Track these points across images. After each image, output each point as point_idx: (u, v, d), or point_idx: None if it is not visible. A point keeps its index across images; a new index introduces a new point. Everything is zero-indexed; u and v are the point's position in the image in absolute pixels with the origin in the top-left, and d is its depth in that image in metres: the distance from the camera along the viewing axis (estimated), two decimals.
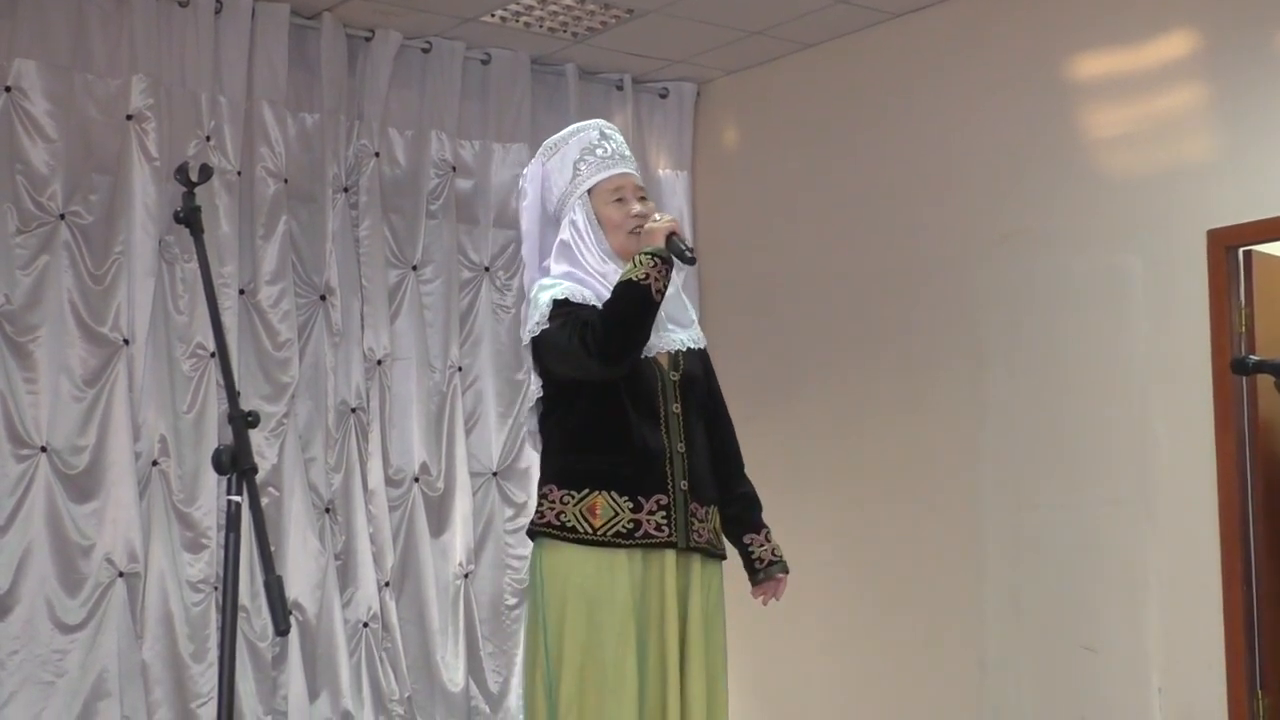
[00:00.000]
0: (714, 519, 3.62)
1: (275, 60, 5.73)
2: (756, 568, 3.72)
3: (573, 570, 3.45)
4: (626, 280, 3.44)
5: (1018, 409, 5.45)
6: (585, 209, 3.62)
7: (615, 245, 3.59)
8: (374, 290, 5.88)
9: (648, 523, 3.46)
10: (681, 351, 3.63)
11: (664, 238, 3.50)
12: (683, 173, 6.66)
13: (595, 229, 3.60)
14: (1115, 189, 5.25)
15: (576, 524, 3.45)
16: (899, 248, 5.88)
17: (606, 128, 3.76)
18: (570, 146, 3.69)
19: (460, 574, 5.93)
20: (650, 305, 3.44)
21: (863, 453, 5.94)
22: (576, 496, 3.47)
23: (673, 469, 3.50)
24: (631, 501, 3.45)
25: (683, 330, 3.67)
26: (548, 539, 3.49)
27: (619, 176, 3.67)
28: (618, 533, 3.44)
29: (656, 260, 3.46)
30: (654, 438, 3.50)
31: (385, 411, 5.86)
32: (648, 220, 3.59)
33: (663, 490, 3.48)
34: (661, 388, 3.55)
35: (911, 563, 5.71)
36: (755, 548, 3.72)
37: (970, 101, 5.68)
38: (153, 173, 5.42)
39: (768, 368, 6.30)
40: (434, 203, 6.08)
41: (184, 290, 5.49)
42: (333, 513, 5.71)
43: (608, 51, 6.27)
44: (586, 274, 3.57)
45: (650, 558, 3.47)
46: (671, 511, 3.48)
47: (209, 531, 5.39)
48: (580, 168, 3.65)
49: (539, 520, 3.52)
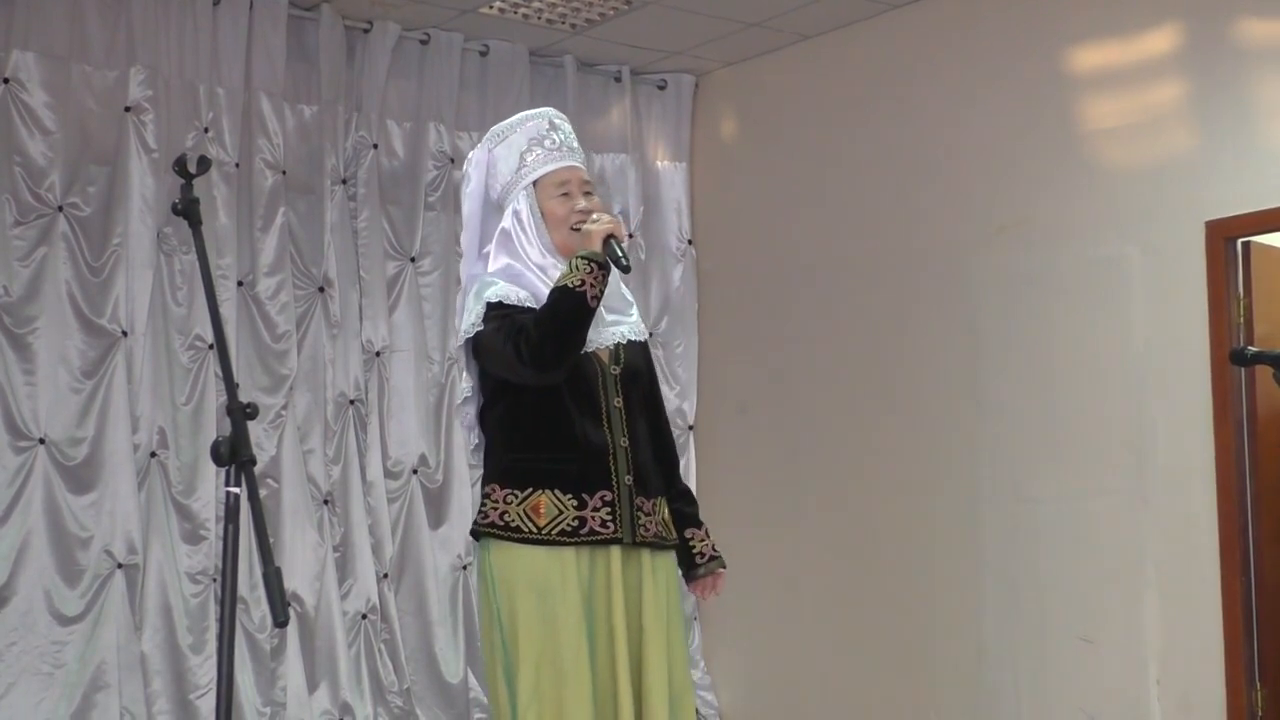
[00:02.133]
0: (661, 510, 3.56)
1: (273, 52, 5.73)
2: (697, 562, 3.66)
3: (521, 569, 3.38)
4: (561, 286, 3.37)
5: (1015, 400, 5.45)
6: (529, 200, 3.53)
7: (557, 240, 3.51)
8: (372, 282, 5.88)
9: (593, 519, 3.40)
10: (622, 344, 3.57)
11: (601, 241, 3.43)
12: (681, 164, 6.65)
13: (538, 221, 3.53)
14: (1113, 180, 5.24)
15: (521, 523, 3.39)
16: (896, 239, 5.87)
17: (556, 117, 3.66)
18: (518, 135, 3.58)
19: (459, 566, 5.93)
20: (585, 312, 3.37)
21: (860, 444, 5.93)
22: (520, 496, 3.40)
23: (616, 464, 3.45)
24: (576, 499, 3.40)
25: (623, 323, 3.60)
26: (493, 539, 3.42)
27: (566, 170, 3.56)
28: (563, 531, 3.38)
29: (593, 265, 3.37)
30: (596, 434, 3.44)
31: (384, 403, 5.86)
32: (588, 218, 3.51)
33: (607, 486, 3.42)
34: (602, 383, 3.49)
35: (909, 554, 5.71)
36: (696, 543, 3.66)
37: (967, 93, 5.67)
38: (151, 164, 5.42)
39: (765, 359, 6.30)
40: (432, 194, 6.08)
41: (182, 282, 5.48)
42: (331, 504, 5.71)
43: (606, 43, 6.26)
44: (525, 267, 3.49)
45: (596, 555, 3.41)
46: (616, 507, 3.42)
47: (207, 523, 5.39)
48: (527, 158, 3.55)
49: (482, 520, 3.44)
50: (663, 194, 6.60)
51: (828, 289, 6.12)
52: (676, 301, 6.57)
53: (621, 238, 3.47)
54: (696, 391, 6.57)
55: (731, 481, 6.38)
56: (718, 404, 6.53)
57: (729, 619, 6.25)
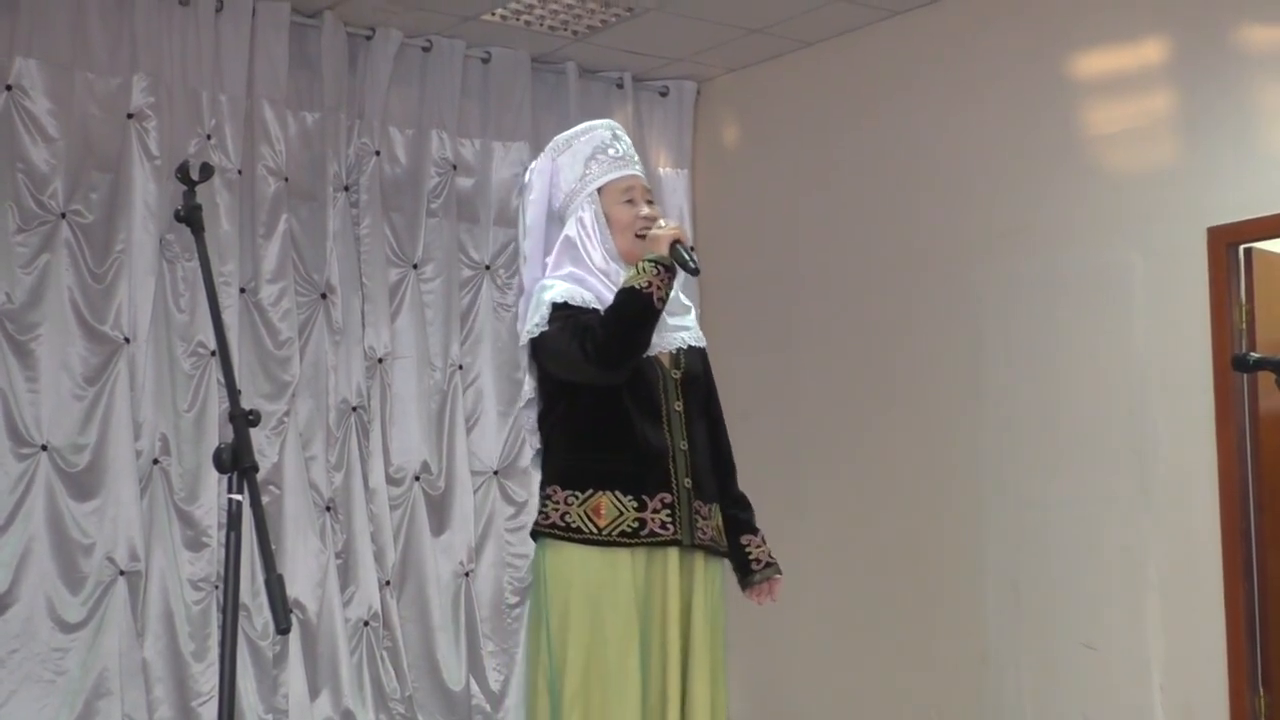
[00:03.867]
0: (716, 517, 3.62)
1: (276, 59, 5.75)
2: (753, 569, 3.71)
3: (576, 570, 3.44)
4: (629, 288, 3.44)
5: (1017, 406, 5.45)
6: (594, 207, 3.60)
7: (621, 246, 3.58)
8: (374, 289, 5.89)
9: (653, 521, 3.46)
10: (683, 349, 3.62)
11: (668, 245, 3.50)
12: (683, 171, 6.66)
13: (603, 228, 3.59)
14: (1115, 186, 5.25)
15: (582, 524, 3.44)
16: (899, 245, 5.88)
17: (617, 129, 3.75)
18: (582, 144, 3.67)
19: (461, 573, 5.94)
20: (652, 313, 3.43)
21: (862, 450, 5.94)
22: (581, 497, 3.46)
23: (676, 467, 3.50)
24: (636, 500, 3.45)
25: (684, 329, 3.66)
26: (551, 540, 3.48)
27: (630, 178, 3.65)
28: (623, 532, 3.44)
29: (660, 268, 3.45)
30: (656, 436, 3.49)
31: (386, 410, 5.88)
32: (654, 224, 3.59)
33: (667, 488, 3.48)
34: (663, 386, 3.54)
35: (911, 559, 5.71)
36: (752, 549, 3.72)
37: (970, 99, 5.69)
38: (153, 171, 5.44)
39: (767, 365, 6.29)
40: (434, 201, 6.09)
41: (185, 289, 5.50)
42: (333, 511, 5.72)
43: (608, 50, 6.27)
44: (589, 273, 3.56)
45: (654, 556, 3.47)
46: (676, 509, 3.48)
47: (210, 530, 5.41)
48: (591, 166, 3.63)
49: (543, 521, 3.51)
50: (665, 201, 6.57)
51: (830, 295, 6.13)
52: None
53: (687, 243, 3.54)
54: None
55: None
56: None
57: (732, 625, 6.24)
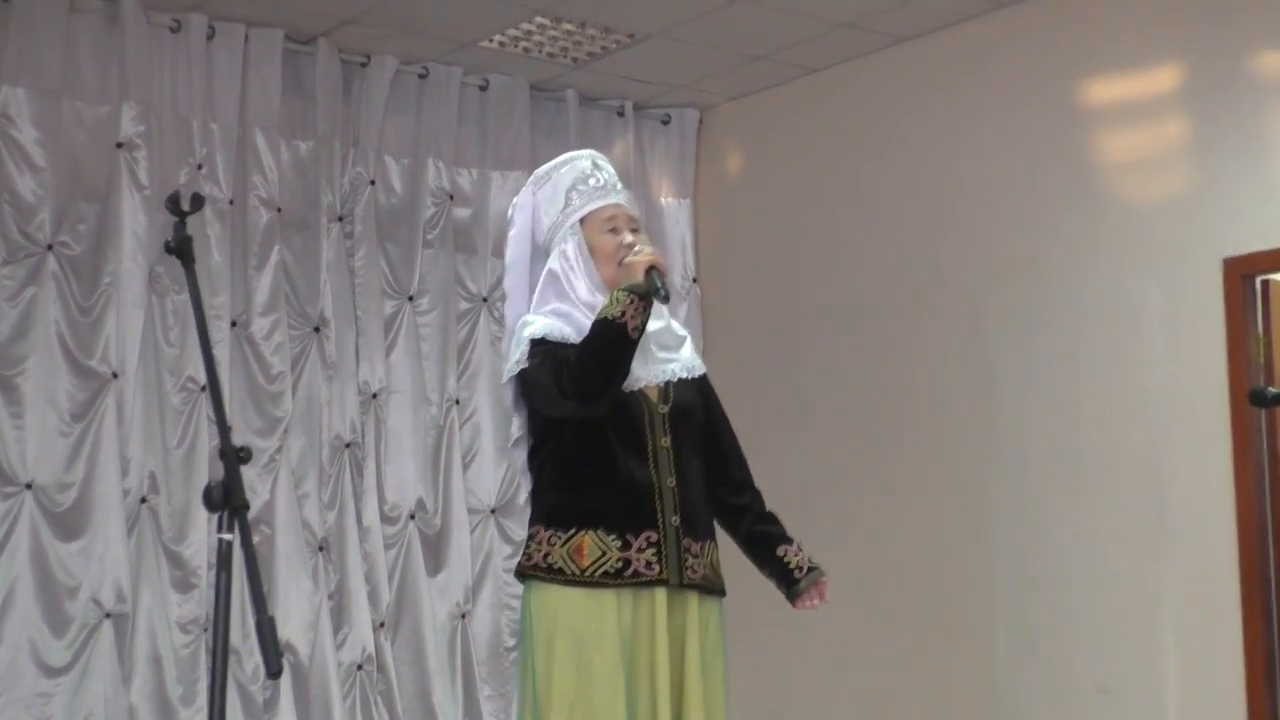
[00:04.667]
0: (711, 554, 3.60)
1: (269, 86, 5.75)
2: (796, 577, 3.70)
3: (560, 612, 3.44)
4: (602, 318, 3.44)
5: (1029, 442, 5.43)
6: (576, 238, 3.62)
7: (606, 276, 3.59)
8: (369, 322, 5.88)
9: (637, 560, 3.44)
10: (672, 382, 3.62)
11: (643, 272, 3.49)
12: (685, 200, 6.67)
13: (586, 259, 3.61)
14: (1129, 215, 5.24)
15: (564, 565, 3.45)
16: (906, 276, 5.88)
17: (599, 158, 3.76)
18: (562, 175, 3.69)
19: (458, 614, 5.92)
20: (626, 344, 3.43)
21: (869, 485, 5.92)
22: (563, 536, 3.47)
23: (663, 504, 3.49)
24: (620, 539, 3.45)
25: (675, 360, 3.66)
26: (536, 581, 3.50)
27: (612, 206, 3.66)
28: (605, 573, 3.43)
29: (634, 297, 3.44)
30: (641, 472, 3.49)
31: (380, 446, 5.86)
32: (642, 245, 3.59)
33: (652, 527, 3.47)
34: (649, 421, 3.54)
35: (919, 597, 5.69)
36: (791, 558, 3.71)
37: (979, 127, 5.69)
38: (143, 201, 5.43)
39: (772, 398, 6.28)
40: (431, 232, 6.09)
41: (174, 322, 5.49)
42: (326, 551, 5.70)
43: (609, 77, 6.28)
44: (573, 306, 3.57)
45: (640, 597, 3.46)
46: (662, 548, 3.46)
47: (199, 570, 5.38)
48: (573, 196, 3.65)
49: (526, 562, 3.53)
50: (666, 231, 6.60)
51: (837, 328, 6.12)
52: None
53: (665, 269, 3.54)
54: None
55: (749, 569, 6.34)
56: None
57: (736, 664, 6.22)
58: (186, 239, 3.01)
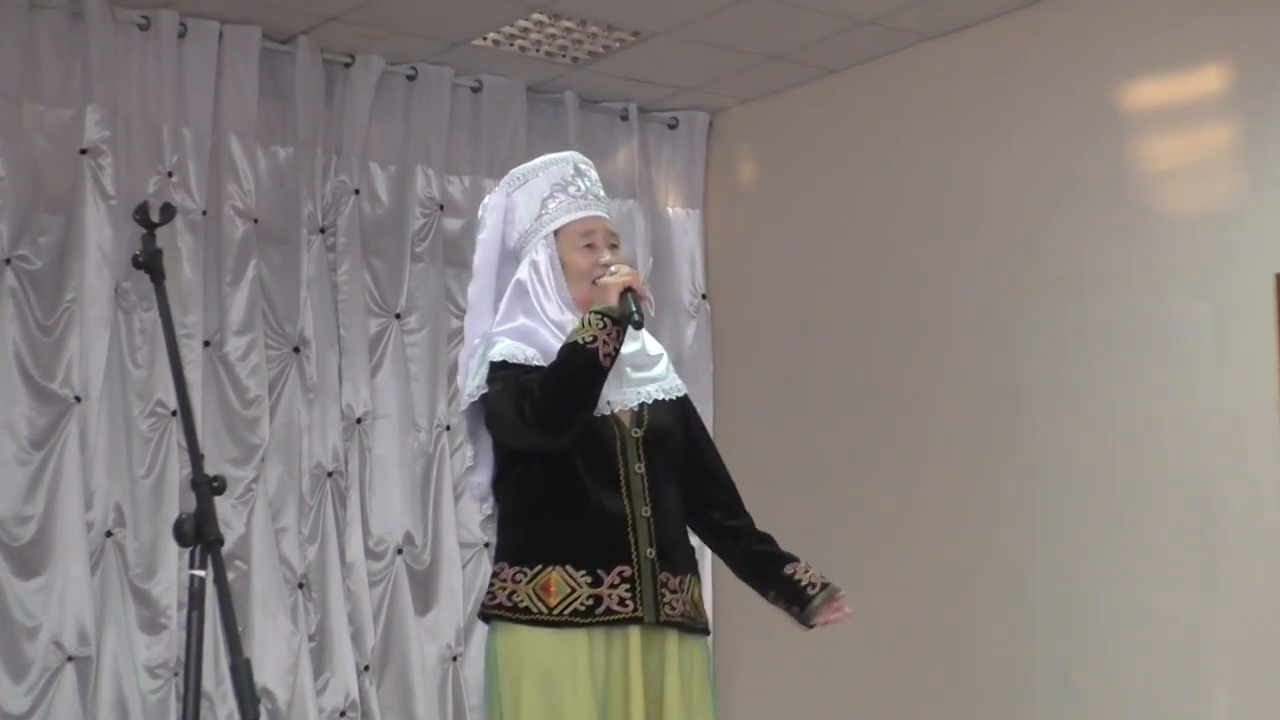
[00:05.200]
0: (692, 589, 3.58)
1: (245, 88, 5.75)
2: (810, 594, 3.68)
3: (528, 654, 3.42)
4: (571, 343, 3.42)
5: (1066, 473, 5.41)
6: (549, 250, 3.60)
7: (577, 294, 3.57)
8: (353, 341, 5.88)
9: (609, 598, 3.42)
10: (647, 404, 3.60)
11: (617, 294, 3.48)
12: (694, 211, 6.68)
13: (558, 274, 3.59)
14: (1172, 227, 5.23)
15: (530, 604, 3.43)
16: (933, 293, 5.87)
17: (582, 162, 3.75)
18: (540, 179, 3.66)
19: (449, 656, 5.92)
20: (597, 371, 3.41)
21: (892, 521, 5.89)
22: (529, 574, 3.44)
23: (636, 536, 3.46)
24: (590, 575, 3.42)
25: (651, 381, 3.64)
26: (501, 622, 3.47)
27: (591, 219, 3.63)
28: (575, 611, 3.41)
29: (606, 321, 3.42)
30: (613, 503, 3.47)
31: (365, 476, 5.86)
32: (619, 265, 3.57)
33: (625, 560, 3.44)
34: (621, 447, 3.52)
35: (949, 642, 5.67)
36: (801, 575, 3.70)
37: (1009, 131, 5.67)
38: (109, 212, 5.42)
39: (787, 425, 6.28)
40: (420, 244, 6.09)
41: (142, 342, 5.48)
42: (307, 588, 5.70)
43: (611, 78, 6.29)
44: (540, 324, 3.55)
45: (613, 636, 3.43)
46: (637, 584, 3.44)
47: (169, 610, 5.37)
48: (549, 205, 3.63)
49: (490, 602, 3.50)
50: (674, 244, 6.61)
51: (857, 348, 6.10)
52: (689, 363, 6.55)
53: (641, 291, 3.50)
54: None
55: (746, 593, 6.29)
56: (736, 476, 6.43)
57: (748, 714, 6.17)
58: (156, 253, 3.00)
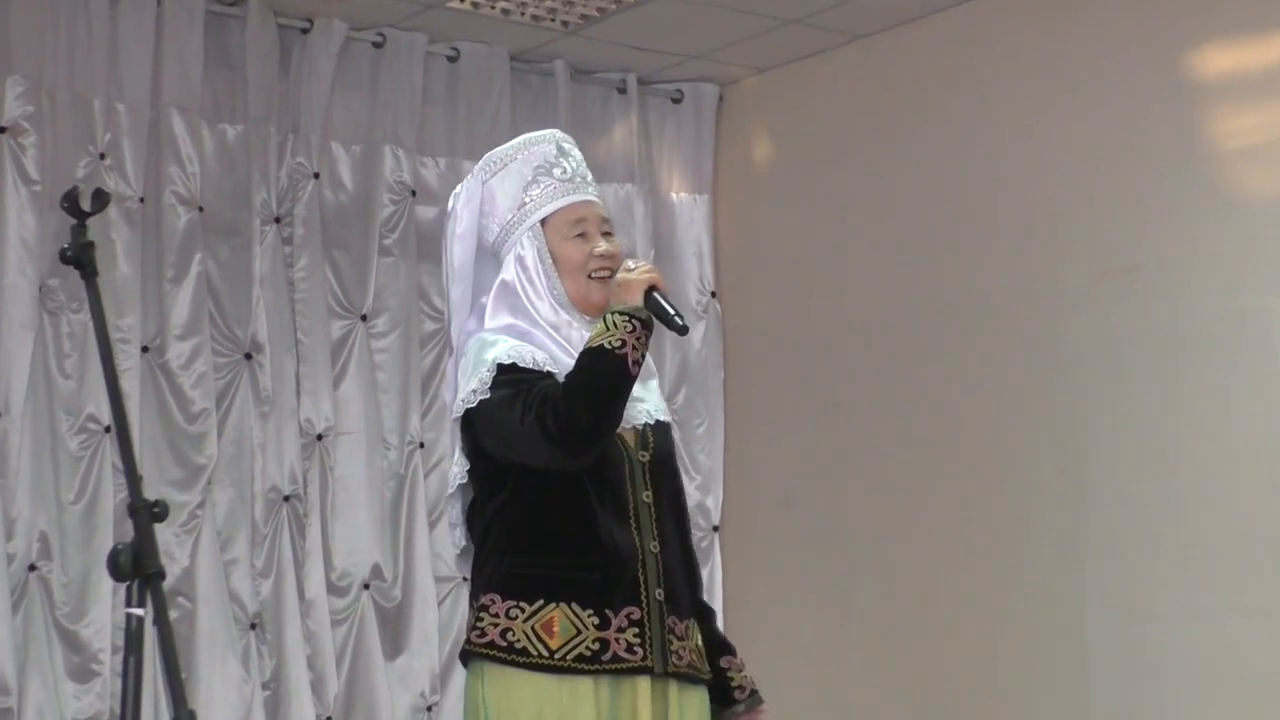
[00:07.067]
0: (694, 636, 3.61)
1: (188, 58, 5.75)
2: (737, 698, 3.71)
3: (526, 702, 3.42)
4: (597, 347, 3.42)
5: (1127, 491, 5.42)
6: (536, 243, 3.61)
7: (572, 291, 3.59)
8: (313, 347, 5.89)
9: (617, 643, 3.44)
10: (649, 425, 3.63)
11: (642, 293, 3.49)
12: (702, 196, 6.68)
13: (548, 269, 3.60)
14: (1249, 213, 5.24)
15: (529, 645, 3.43)
16: (971, 289, 5.88)
17: (564, 141, 3.75)
18: (519, 163, 3.68)
19: (422, 706, 5.93)
20: (626, 380, 3.42)
21: (928, 548, 5.91)
22: (528, 609, 3.45)
23: (646, 575, 3.49)
24: (597, 616, 3.44)
25: (647, 399, 3.66)
26: (491, 663, 3.46)
27: (581, 205, 3.65)
28: (580, 656, 3.41)
29: (634, 323, 3.44)
30: (623, 535, 3.49)
31: (327, 500, 5.87)
32: (617, 264, 3.58)
33: (635, 601, 3.46)
34: (630, 472, 3.55)
35: (995, 688, 5.67)
36: (734, 673, 3.73)
37: (1062, 104, 5.67)
38: (32, 199, 5.44)
39: (808, 441, 6.28)
40: (389, 236, 6.10)
41: (71, 348, 5.49)
42: (260, 629, 5.71)
43: (608, 45, 6.29)
44: (534, 325, 3.57)
45: (620, 687, 3.45)
46: (646, 628, 3.46)
47: (101, 655, 5.38)
48: (531, 191, 3.65)
49: (478, 639, 3.49)
50: (679, 234, 6.62)
51: (886, 353, 6.11)
52: (697, 369, 6.57)
53: (665, 290, 3.52)
54: (723, 482, 6.54)
55: (768, 595, 6.34)
56: (750, 498, 6.50)
57: None
58: (87, 245, 3.01)
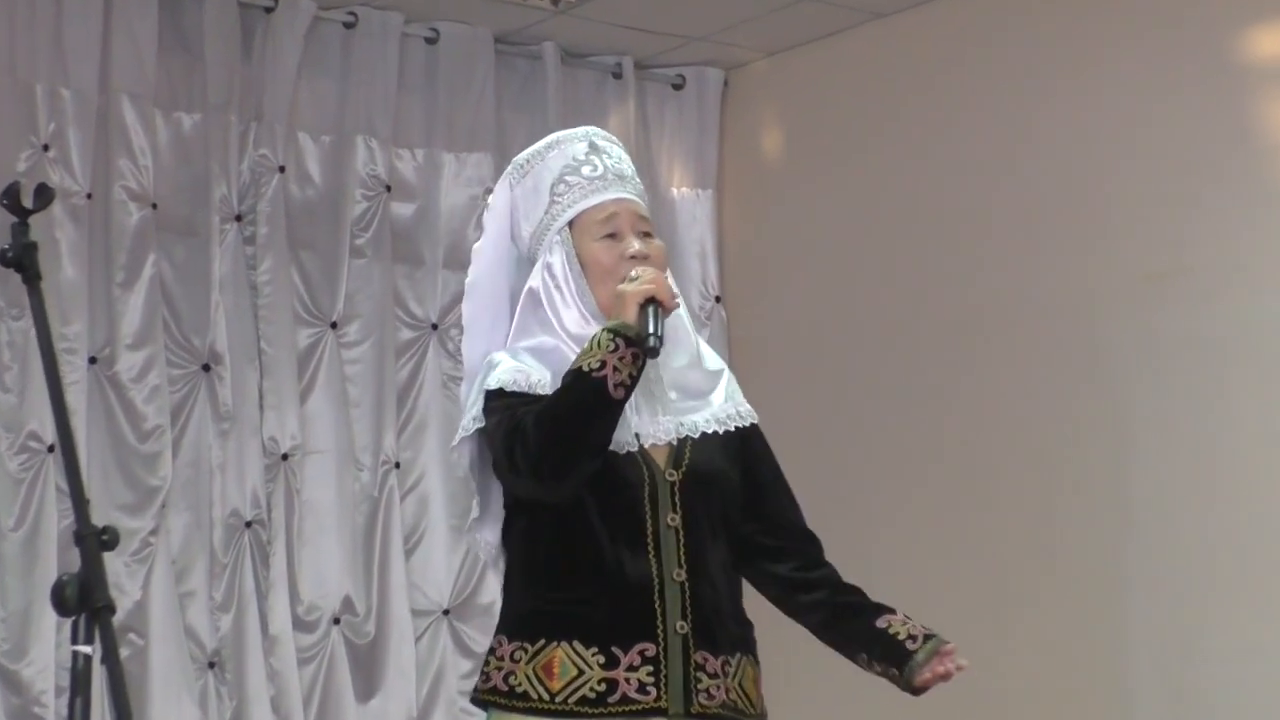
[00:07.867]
0: (742, 673, 3.57)
1: (140, 40, 5.77)
2: (910, 648, 3.65)
3: None
4: (574, 369, 3.42)
5: (1176, 517, 5.43)
6: (565, 248, 3.59)
7: (603, 299, 3.53)
8: (277, 357, 5.90)
9: (626, 683, 3.41)
10: (692, 438, 3.58)
11: (636, 306, 3.45)
12: (705, 191, 6.73)
13: (577, 276, 3.57)
14: None
15: (530, 688, 3.43)
16: (1003, 291, 5.89)
17: (600, 137, 3.74)
18: (547, 163, 3.66)
19: None
20: (607, 405, 3.38)
21: (951, 576, 5.90)
22: (530, 650, 3.46)
23: (664, 605, 3.45)
24: (603, 654, 3.42)
25: (699, 410, 3.62)
26: (497, 710, 3.49)
27: (612, 203, 3.61)
28: (583, 699, 3.40)
29: (619, 343, 3.40)
30: (636, 563, 3.46)
31: (294, 526, 5.87)
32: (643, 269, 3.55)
33: (649, 636, 3.43)
34: (650, 492, 3.50)
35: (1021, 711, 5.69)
36: (896, 626, 3.69)
37: (1105, 90, 5.68)
38: None
39: (820, 455, 6.19)
40: (361, 235, 6.11)
41: (12, 359, 5.51)
42: (219, 668, 5.72)
43: (601, 25, 6.31)
44: (561, 339, 3.55)
45: None
46: (661, 665, 3.43)
47: (44, 697, 5.38)
48: (559, 191, 3.63)
49: (483, 685, 3.53)
50: (680, 233, 6.62)
51: (905, 362, 6.12)
52: None
53: (669, 302, 3.47)
54: None
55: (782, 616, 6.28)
56: None
57: None
58: (29, 246, 2.98)
